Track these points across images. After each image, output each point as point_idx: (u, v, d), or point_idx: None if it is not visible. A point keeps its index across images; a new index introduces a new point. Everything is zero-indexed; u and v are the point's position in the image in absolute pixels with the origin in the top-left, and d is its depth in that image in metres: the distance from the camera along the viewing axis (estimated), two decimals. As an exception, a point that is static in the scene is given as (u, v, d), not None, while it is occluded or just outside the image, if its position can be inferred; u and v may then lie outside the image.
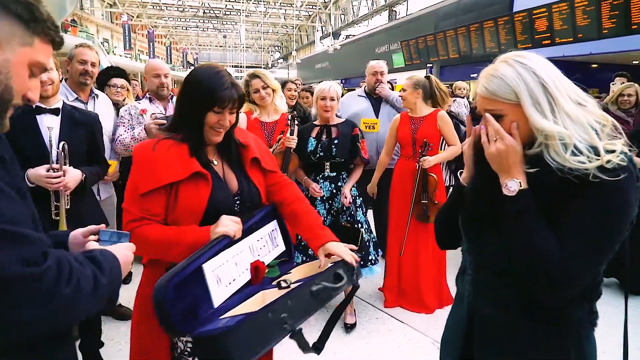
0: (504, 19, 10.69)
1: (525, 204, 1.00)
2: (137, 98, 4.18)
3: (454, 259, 3.99)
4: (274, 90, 2.96)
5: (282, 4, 33.05)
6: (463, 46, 12.40)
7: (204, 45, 49.63)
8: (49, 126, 2.18)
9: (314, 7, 34.12)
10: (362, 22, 29.01)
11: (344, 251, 1.45)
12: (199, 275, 1.23)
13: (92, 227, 1.13)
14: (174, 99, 2.95)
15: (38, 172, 2.08)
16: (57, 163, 2.12)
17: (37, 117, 2.21)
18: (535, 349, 1.08)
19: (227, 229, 1.32)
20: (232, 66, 48.01)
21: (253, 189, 1.54)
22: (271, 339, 1.15)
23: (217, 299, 1.27)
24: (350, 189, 2.95)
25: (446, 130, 3.22)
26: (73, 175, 2.17)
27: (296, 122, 2.84)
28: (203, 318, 1.21)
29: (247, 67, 43.57)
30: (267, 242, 1.51)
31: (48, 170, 2.10)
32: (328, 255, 1.46)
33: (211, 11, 35.24)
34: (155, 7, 33.25)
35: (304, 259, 2.84)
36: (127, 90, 3.69)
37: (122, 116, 2.95)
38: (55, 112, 2.26)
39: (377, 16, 27.02)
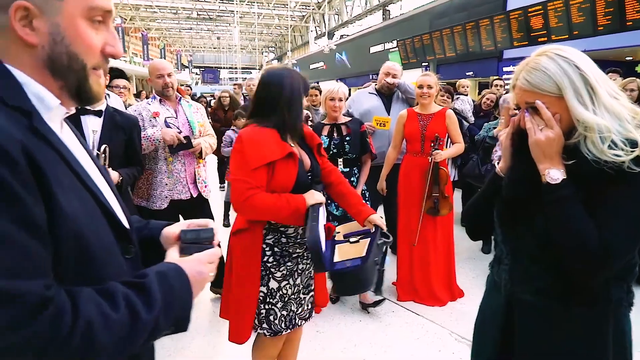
0: (500, 17, 10.79)
1: (567, 191, 1.05)
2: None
3: (461, 253, 4.08)
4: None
5: (275, 5, 33.05)
6: (459, 44, 12.49)
7: (198, 47, 49.53)
8: (94, 129, 2.24)
9: (307, 7, 34.16)
10: (355, 21, 29.07)
11: (382, 221, 1.92)
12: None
13: (191, 222, 0.98)
14: (182, 100, 3.00)
15: None
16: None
17: (82, 117, 2.26)
18: (575, 331, 1.13)
19: (321, 198, 1.78)
20: (227, 68, 47.98)
21: (318, 168, 1.96)
22: (374, 276, 1.67)
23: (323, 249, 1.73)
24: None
25: (453, 128, 3.32)
26: (111, 177, 2.24)
27: (309, 123, 2.96)
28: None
29: (242, 68, 43.56)
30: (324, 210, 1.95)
31: None
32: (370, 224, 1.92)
33: (205, 13, 35.18)
34: (148, 9, 33.15)
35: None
36: (129, 90, 3.73)
37: None
38: (98, 114, 2.32)
39: (371, 16, 27.10)
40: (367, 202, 3.12)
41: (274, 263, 1.85)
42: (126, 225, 0.84)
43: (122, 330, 0.66)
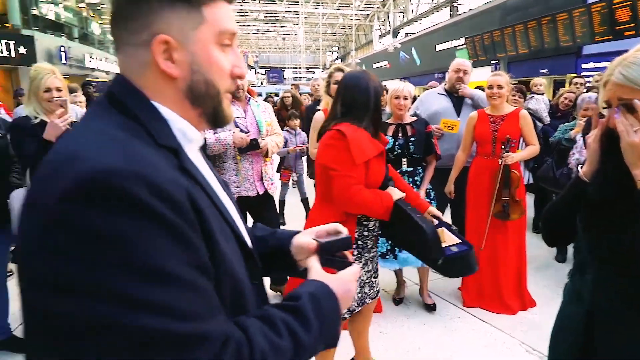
0: (580, 10, 10.09)
1: None
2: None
3: (532, 262, 3.88)
4: None
5: (340, 5, 33.20)
6: (534, 40, 11.84)
7: (264, 48, 50.98)
8: None
9: (372, 6, 33.97)
10: (421, 19, 28.47)
11: (439, 213, 2.23)
12: None
13: (320, 229, 0.94)
14: (251, 100, 3.07)
15: None
16: None
17: None
18: None
19: (402, 194, 1.97)
20: (291, 68, 48.90)
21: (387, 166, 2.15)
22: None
23: None
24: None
25: (527, 129, 3.18)
26: None
27: None
28: None
29: (306, 68, 44.22)
30: None
31: None
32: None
33: (271, 14, 36.13)
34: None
35: None
36: None
37: None
38: None
39: (437, 13, 26.41)
40: (432, 202, 3.09)
41: (357, 255, 2.05)
42: (250, 245, 0.81)
43: (287, 355, 0.68)
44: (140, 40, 0.67)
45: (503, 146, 3.08)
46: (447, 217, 3.06)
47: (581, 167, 1.22)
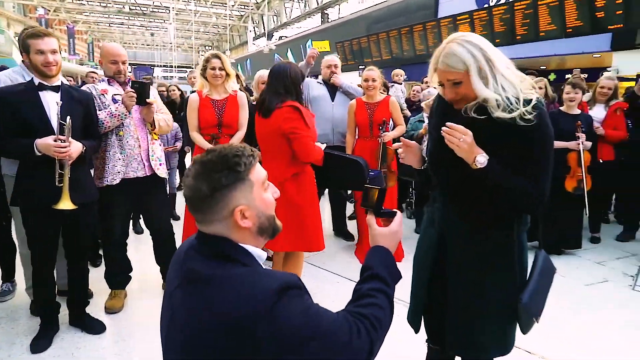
0: (431, 24, 11.64)
1: (495, 166, 1.39)
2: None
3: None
4: (228, 75, 3.29)
5: (213, 3, 32.63)
6: (395, 48, 13.26)
7: (130, 43, 47.46)
8: (58, 101, 2.32)
9: (246, 7, 34.07)
10: (294, 23, 29.49)
11: None
12: None
13: None
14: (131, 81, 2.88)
15: (47, 142, 2.24)
16: (63, 135, 2.28)
17: (40, 93, 2.35)
18: (491, 247, 1.51)
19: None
20: (161, 66, 46.40)
21: None
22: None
23: None
24: None
25: (396, 113, 3.84)
26: (76, 147, 2.34)
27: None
28: None
29: (178, 67, 42.37)
30: None
31: (55, 141, 2.25)
32: None
33: (137, 7, 33.89)
34: (74, 1, 31.39)
35: None
36: None
37: None
38: (55, 89, 2.40)
39: (310, 19, 27.64)
40: None
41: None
42: None
43: (386, 306, 1.05)
44: (222, 216, 0.99)
45: (380, 127, 3.63)
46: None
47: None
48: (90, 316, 2.70)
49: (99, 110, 2.70)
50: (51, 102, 2.35)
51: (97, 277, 3.08)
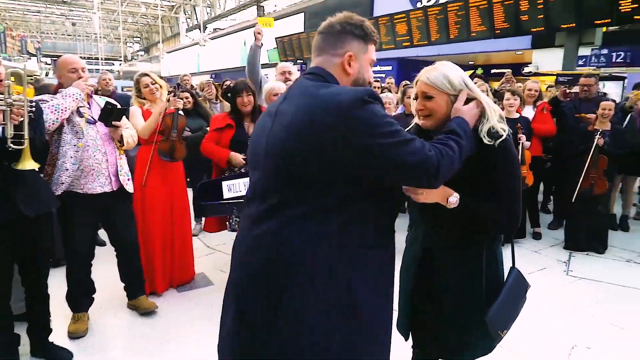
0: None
1: (467, 201, 1.52)
2: None
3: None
4: (161, 86, 3.45)
5: (141, -8, 31.03)
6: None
7: (48, 33, 43.89)
8: None
9: (177, -3, 32.75)
10: (229, 16, 28.80)
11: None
12: None
13: None
14: (95, 96, 2.89)
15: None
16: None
17: None
18: (466, 262, 1.65)
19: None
20: (85, 58, 43.42)
21: None
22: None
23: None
24: None
25: None
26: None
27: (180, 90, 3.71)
28: None
29: (105, 59, 39.88)
30: None
31: None
32: None
33: (56, -6, 31.40)
34: (-19, -15, 28.47)
35: None
36: None
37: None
38: None
39: (244, 10, 27.12)
40: None
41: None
42: None
43: (457, 155, 1.31)
44: (337, 53, 1.33)
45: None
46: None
47: None
48: (54, 344, 2.53)
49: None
50: None
51: (53, 296, 2.87)
